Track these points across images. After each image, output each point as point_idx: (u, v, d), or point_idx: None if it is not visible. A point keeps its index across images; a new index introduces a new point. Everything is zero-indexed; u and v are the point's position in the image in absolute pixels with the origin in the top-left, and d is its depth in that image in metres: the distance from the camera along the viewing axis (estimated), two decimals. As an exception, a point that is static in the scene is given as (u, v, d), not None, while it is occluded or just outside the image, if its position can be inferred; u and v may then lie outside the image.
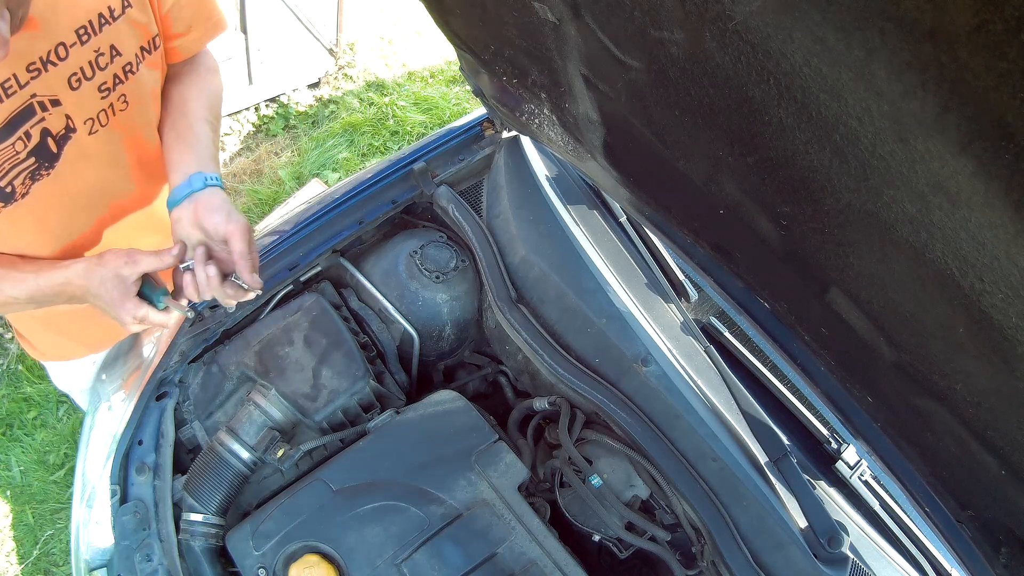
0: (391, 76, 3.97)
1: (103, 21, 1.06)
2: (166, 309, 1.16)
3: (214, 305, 1.53)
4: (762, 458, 1.36)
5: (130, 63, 1.15)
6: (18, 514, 2.49)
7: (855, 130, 0.59)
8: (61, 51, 1.03)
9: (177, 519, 1.34)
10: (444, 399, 1.47)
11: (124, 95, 1.17)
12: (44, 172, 1.12)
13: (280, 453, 1.37)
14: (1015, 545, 0.93)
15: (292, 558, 1.27)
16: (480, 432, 1.41)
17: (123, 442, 1.40)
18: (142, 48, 1.16)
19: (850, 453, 1.47)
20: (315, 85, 3.79)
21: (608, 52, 0.84)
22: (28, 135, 1.06)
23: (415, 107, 3.80)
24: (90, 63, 1.08)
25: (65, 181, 1.16)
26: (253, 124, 3.60)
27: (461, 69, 1.55)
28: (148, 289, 1.15)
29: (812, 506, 1.28)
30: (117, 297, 1.11)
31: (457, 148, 1.83)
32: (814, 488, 1.34)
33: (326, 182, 3.28)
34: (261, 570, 1.26)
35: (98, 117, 1.15)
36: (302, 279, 1.62)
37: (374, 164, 1.85)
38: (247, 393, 1.44)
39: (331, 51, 3.77)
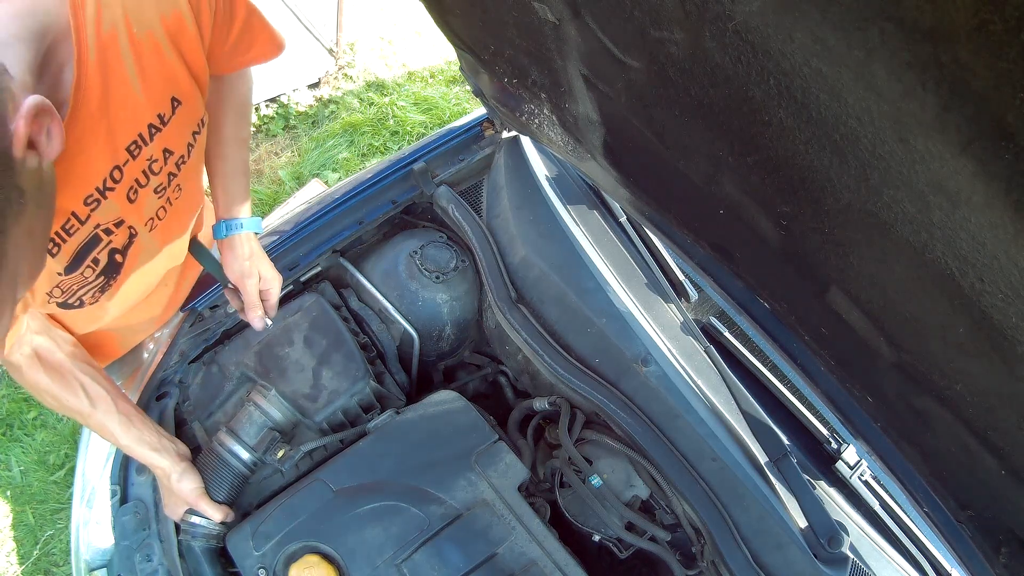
0: (391, 76, 3.97)
1: (154, 131, 0.99)
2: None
3: (214, 305, 1.53)
4: (762, 458, 1.36)
5: (183, 155, 1.09)
6: (18, 514, 2.49)
7: (855, 130, 0.59)
8: (116, 174, 0.97)
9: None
10: (444, 399, 1.47)
11: (179, 185, 1.13)
12: (112, 283, 1.12)
13: (280, 453, 1.37)
14: (1015, 545, 0.93)
15: (292, 558, 1.27)
16: (480, 432, 1.41)
17: (123, 442, 1.40)
18: (193, 133, 1.10)
19: (850, 453, 1.47)
20: (315, 85, 3.79)
21: (608, 52, 0.84)
22: (96, 260, 1.04)
23: (415, 107, 3.80)
24: (144, 172, 1.02)
25: (130, 278, 1.16)
26: (253, 124, 3.60)
27: (461, 69, 1.55)
28: None
29: (812, 506, 1.28)
30: (175, 506, 1.32)
31: (457, 148, 1.83)
32: (814, 488, 1.34)
33: (326, 182, 3.28)
34: (261, 570, 1.26)
35: (157, 214, 1.11)
36: (302, 279, 1.62)
37: (374, 164, 1.85)
38: (247, 393, 1.44)
39: (331, 51, 3.77)
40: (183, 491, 1.28)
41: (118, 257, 1.09)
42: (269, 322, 1.39)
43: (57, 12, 0.81)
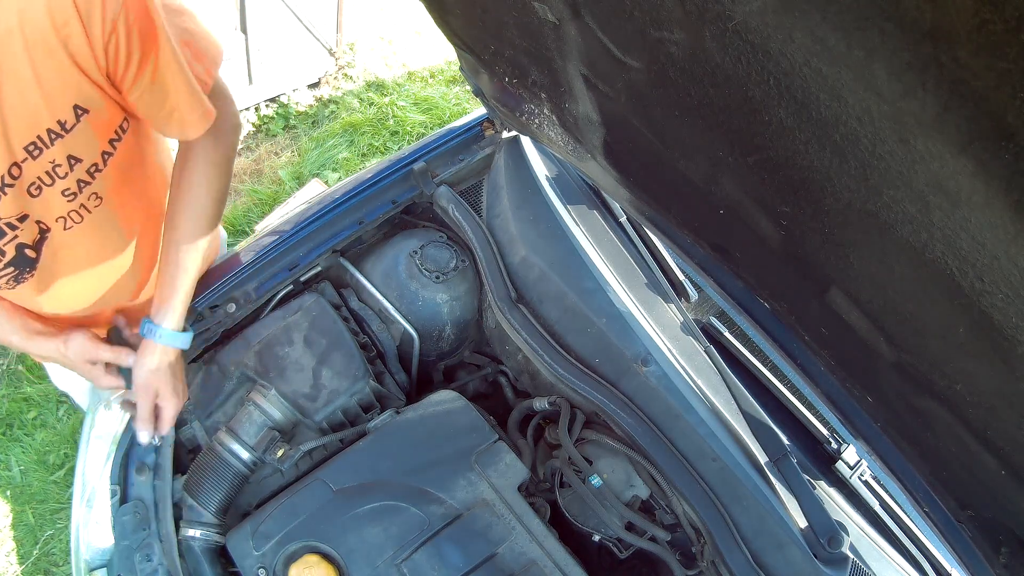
0: (391, 76, 3.97)
1: (54, 136, 0.97)
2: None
3: (214, 305, 1.53)
4: (762, 458, 1.36)
5: (95, 164, 1.07)
6: (18, 514, 2.49)
7: (855, 130, 0.59)
8: (15, 171, 0.97)
9: (177, 519, 1.34)
10: (444, 399, 1.47)
11: (95, 193, 1.11)
12: (27, 275, 1.13)
13: (280, 453, 1.37)
14: (1015, 545, 0.93)
15: (292, 558, 1.27)
16: (480, 432, 1.41)
17: (123, 442, 1.40)
18: (110, 140, 1.08)
19: (850, 453, 1.47)
20: (315, 85, 3.79)
21: (608, 52, 0.84)
22: (2, 252, 1.05)
23: (415, 107, 3.80)
24: (47, 173, 1.01)
25: (51, 272, 1.16)
26: (253, 124, 3.60)
27: (461, 69, 1.55)
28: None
29: (812, 506, 1.28)
30: (83, 367, 1.27)
31: (457, 148, 1.83)
32: (814, 488, 1.34)
33: (326, 182, 3.28)
34: (261, 570, 1.26)
35: (69, 216, 1.10)
36: (302, 279, 1.62)
37: (374, 164, 1.85)
38: (247, 393, 1.44)
39: (331, 51, 3.77)
40: (77, 349, 1.24)
41: (29, 252, 1.09)
42: (157, 440, 1.34)
43: None
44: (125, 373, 1.28)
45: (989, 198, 0.52)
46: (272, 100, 3.65)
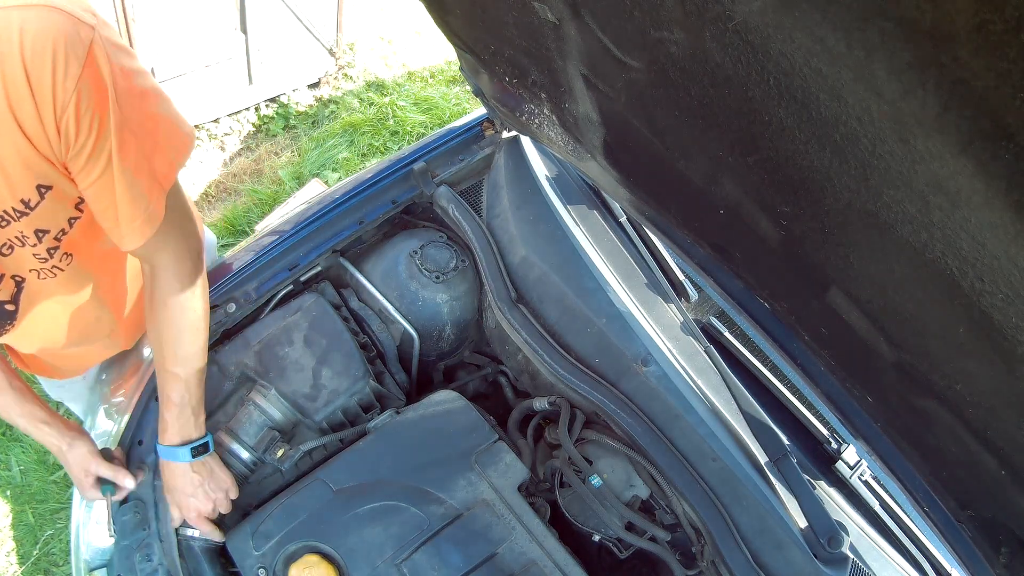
0: (391, 76, 3.97)
1: (19, 214, 0.94)
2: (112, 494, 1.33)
3: (213, 306, 1.53)
4: (762, 458, 1.36)
5: (63, 229, 1.03)
6: (18, 514, 2.49)
7: (855, 130, 0.59)
8: None
9: (177, 519, 1.34)
10: (444, 399, 1.47)
11: (66, 253, 1.08)
12: (8, 327, 1.13)
13: (280, 453, 1.37)
14: (1015, 545, 0.93)
15: (292, 558, 1.27)
16: (480, 432, 1.41)
17: (123, 442, 1.40)
18: (76, 205, 1.03)
19: (850, 453, 1.47)
20: (315, 85, 3.79)
21: (608, 52, 0.84)
22: None
23: (415, 107, 3.80)
24: (16, 237, 0.98)
25: (30, 321, 1.16)
26: (253, 124, 3.60)
27: (461, 69, 1.55)
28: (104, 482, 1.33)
29: (812, 506, 1.28)
30: (77, 473, 1.29)
31: (457, 148, 1.83)
32: (814, 488, 1.34)
33: (326, 182, 3.28)
34: (261, 570, 1.26)
35: (42, 270, 1.07)
36: (302, 279, 1.62)
37: (374, 164, 1.85)
38: (247, 393, 1.44)
39: (331, 51, 3.77)
40: (76, 457, 1.28)
41: (8, 307, 1.08)
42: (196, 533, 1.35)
43: None
44: (107, 489, 1.32)
45: (989, 198, 0.52)
46: (272, 100, 3.66)
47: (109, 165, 0.94)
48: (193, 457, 1.26)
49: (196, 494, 1.28)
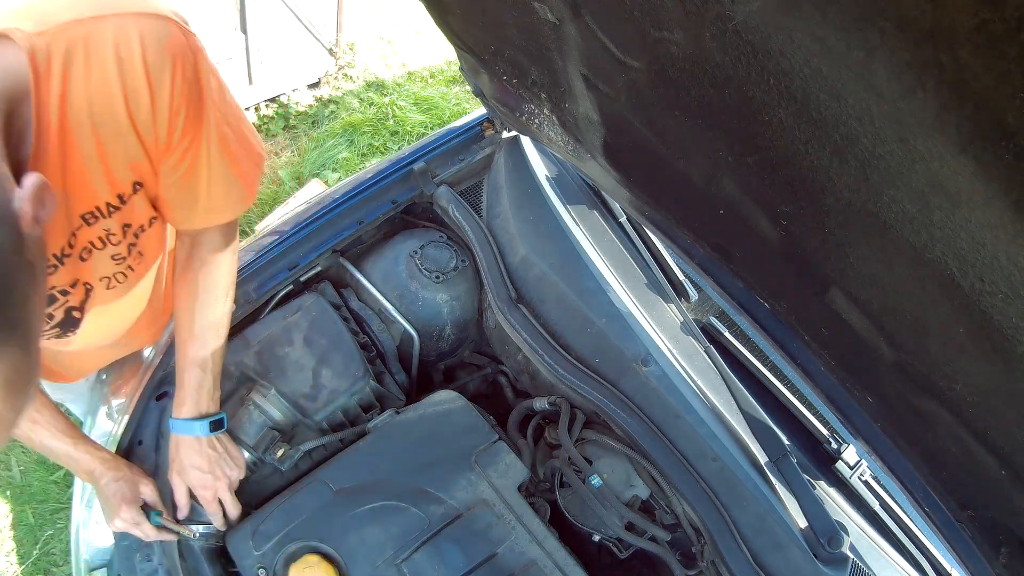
0: (391, 76, 3.97)
1: (112, 209, 0.97)
2: (160, 527, 1.29)
3: None
4: (762, 458, 1.36)
5: (142, 225, 1.07)
6: (18, 514, 2.49)
7: (855, 130, 0.59)
8: (72, 240, 0.96)
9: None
10: (444, 399, 1.47)
11: (140, 251, 1.11)
12: (71, 333, 1.12)
13: (280, 453, 1.37)
14: (1015, 545, 0.93)
15: (292, 558, 1.27)
16: (480, 432, 1.41)
17: (123, 442, 1.40)
18: (155, 205, 1.08)
19: (850, 453, 1.47)
20: (315, 85, 3.79)
21: (608, 52, 0.84)
22: (51, 316, 1.04)
23: (415, 107, 3.80)
24: (100, 239, 1.00)
25: (88, 331, 1.16)
26: (253, 124, 3.60)
27: (461, 69, 1.55)
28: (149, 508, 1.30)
29: (812, 506, 1.28)
30: (120, 501, 1.26)
31: (457, 148, 1.83)
32: (814, 488, 1.34)
33: (326, 182, 3.28)
34: (261, 570, 1.26)
35: (114, 276, 1.09)
36: (302, 279, 1.62)
37: (374, 164, 1.85)
38: (246, 393, 1.44)
39: (331, 51, 3.77)
40: (127, 483, 1.27)
41: (75, 314, 1.08)
42: (196, 532, 1.33)
43: (17, 73, 0.78)
44: (155, 515, 1.30)
45: (989, 198, 0.52)
46: (272, 100, 3.66)
47: (200, 154, 1.01)
48: (211, 431, 1.25)
49: (213, 471, 1.27)
